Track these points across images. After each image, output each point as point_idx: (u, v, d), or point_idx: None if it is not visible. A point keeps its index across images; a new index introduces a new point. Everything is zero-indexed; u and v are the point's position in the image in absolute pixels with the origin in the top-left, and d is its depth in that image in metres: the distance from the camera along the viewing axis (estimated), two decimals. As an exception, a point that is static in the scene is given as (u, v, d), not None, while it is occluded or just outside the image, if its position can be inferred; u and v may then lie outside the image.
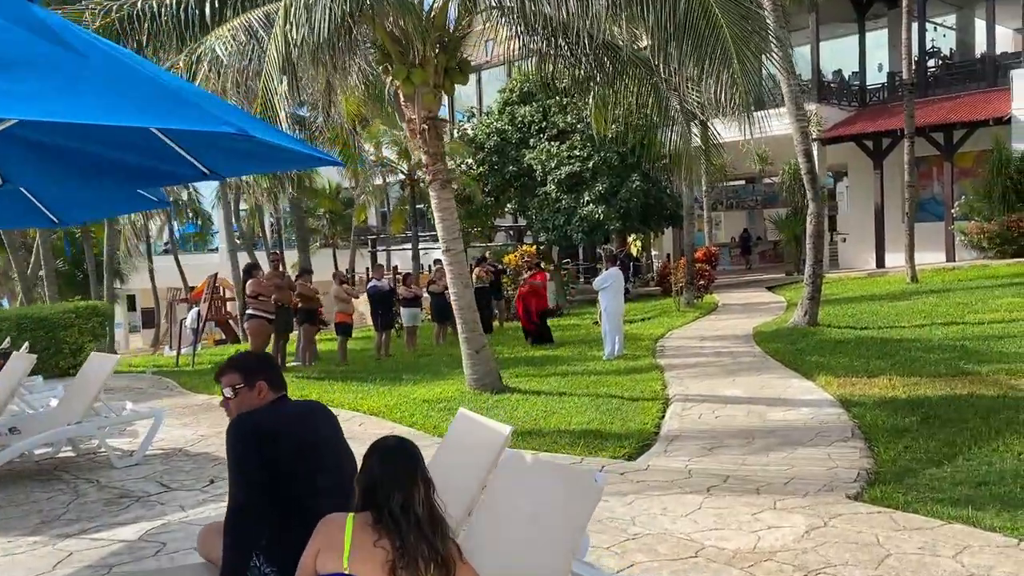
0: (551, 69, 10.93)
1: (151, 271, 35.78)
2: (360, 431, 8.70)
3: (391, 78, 9.85)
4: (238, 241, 29.95)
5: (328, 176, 33.70)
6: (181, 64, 8.00)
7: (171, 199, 27.80)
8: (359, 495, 2.88)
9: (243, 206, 42.10)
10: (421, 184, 23.46)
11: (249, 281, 13.19)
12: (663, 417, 8.69)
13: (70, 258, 33.89)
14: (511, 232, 31.88)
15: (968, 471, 6.15)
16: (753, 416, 8.50)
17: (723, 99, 8.61)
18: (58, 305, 14.99)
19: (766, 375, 10.78)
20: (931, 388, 9.00)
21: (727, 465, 6.71)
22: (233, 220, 32.00)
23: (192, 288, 32.13)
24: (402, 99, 10.01)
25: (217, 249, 39.27)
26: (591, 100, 12.31)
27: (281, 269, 14.13)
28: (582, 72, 10.95)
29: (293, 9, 7.16)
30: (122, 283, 36.54)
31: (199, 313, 17.94)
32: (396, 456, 2.90)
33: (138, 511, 6.05)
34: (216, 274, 18.81)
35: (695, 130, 12.47)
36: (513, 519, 3.30)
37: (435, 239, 29.61)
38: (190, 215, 40.13)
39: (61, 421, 7.26)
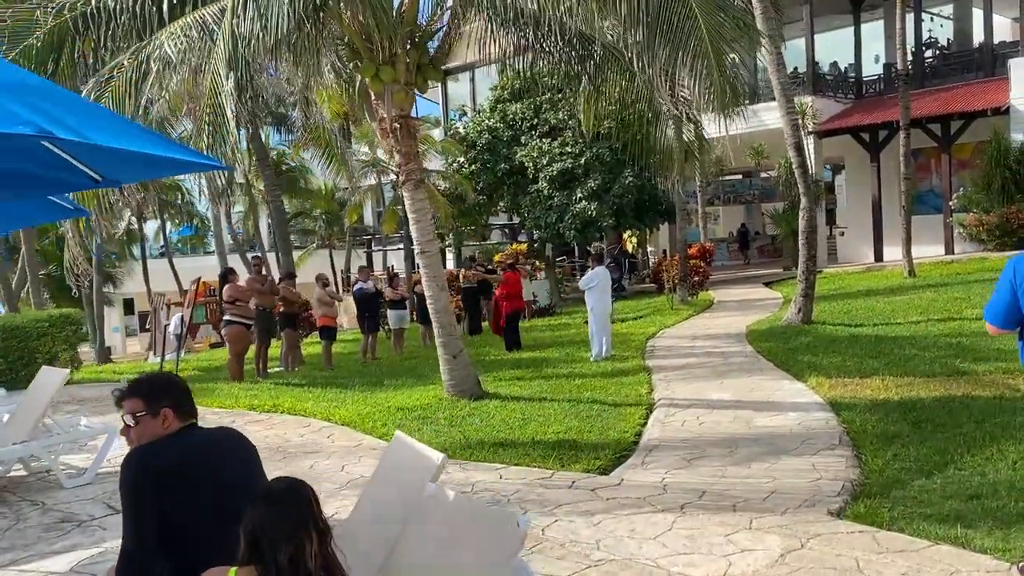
0: (530, 64, 10.58)
1: (146, 274, 35.48)
2: (328, 443, 8.39)
3: (360, 75, 9.50)
4: (229, 243, 29.69)
5: (323, 177, 33.36)
6: (126, 63, 7.64)
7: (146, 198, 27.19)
8: (243, 546, 2.53)
9: (239, 208, 41.89)
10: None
11: (226, 286, 12.86)
12: (645, 424, 8.33)
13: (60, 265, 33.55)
14: (506, 230, 31.54)
15: (959, 482, 5.79)
16: (739, 422, 8.15)
17: (700, 93, 8.24)
18: (31, 314, 14.69)
19: (756, 376, 10.43)
20: (925, 389, 8.65)
21: (706, 478, 6.35)
22: (230, 222, 31.83)
23: (187, 291, 31.76)
24: (373, 97, 9.65)
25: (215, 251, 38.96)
26: (579, 95, 11.96)
27: (264, 273, 13.76)
28: (562, 67, 10.58)
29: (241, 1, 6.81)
30: (115, 287, 36.27)
31: (182, 318, 17.57)
32: (285, 501, 2.56)
33: (77, 537, 5.71)
34: (199, 278, 18.41)
35: (677, 125, 12.10)
36: (433, 561, 2.96)
37: (430, 238, 29.42)
38: (185, 218, 39.84)
39: (8, 439, 6.92)
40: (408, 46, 9.43)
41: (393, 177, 27.77)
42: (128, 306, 42.46)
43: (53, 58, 8.72)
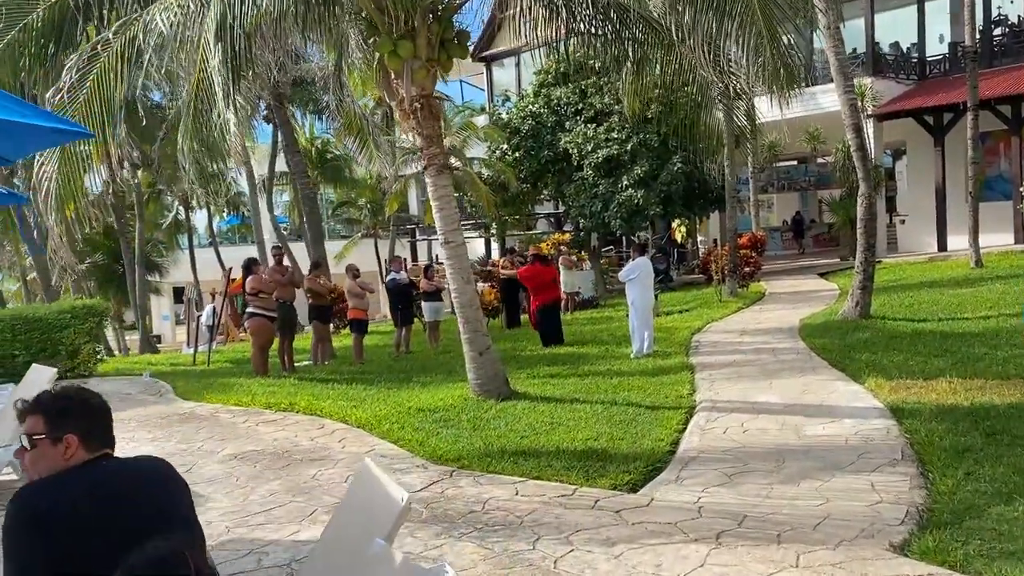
0: (564, 38, 9.82)
1: (193, 264, 35.50)
2: (337, 448, 7.80)
3: (377, 52, 8.87)
4: (271, 231, 29.39)
5: (359, 164, 32.92)
6: (111, 38, 7.08)
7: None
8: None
9: (285, 197, 41.69)
10: (457, 171, 22.31)
11: (249, 278, 12.38)
12: (683, 431, 7.59)
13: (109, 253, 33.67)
14: (551, 219, 30.79)
15: (1046, 509, 4.97)
16: (787, 430, 7.37)
17: (751, 69, 7.45)
18: (54, 305, 14.41)
19: (809, 376, 9.62)
20: (998, 393, 7.76)
21: (747, 499, 5.59)
22: (271, 212, 31.61)
23: (233, 280, 31.70)
24: (392, 76, 9.01)
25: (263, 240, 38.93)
26: (621, 74, 11.17)
27: (285, 264, 13.24)
28: (599, 41, 9.79)
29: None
30: (160, 276, 36.44)
31: (214, 309, 17.27)
32: (157, 570, 1.94)
33: (45, 557, 5.17)
34: (231, 268, 18.09)
35: (727, 108, 11.25)
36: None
37: (474, 227, 28.76)
38: (230, 207, 39.80)
39: (-8, 443, 6.45)
40: (430, 19, 8.76)
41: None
42: (179, 295, 42.73)
43: (55, 38, 8.24)
